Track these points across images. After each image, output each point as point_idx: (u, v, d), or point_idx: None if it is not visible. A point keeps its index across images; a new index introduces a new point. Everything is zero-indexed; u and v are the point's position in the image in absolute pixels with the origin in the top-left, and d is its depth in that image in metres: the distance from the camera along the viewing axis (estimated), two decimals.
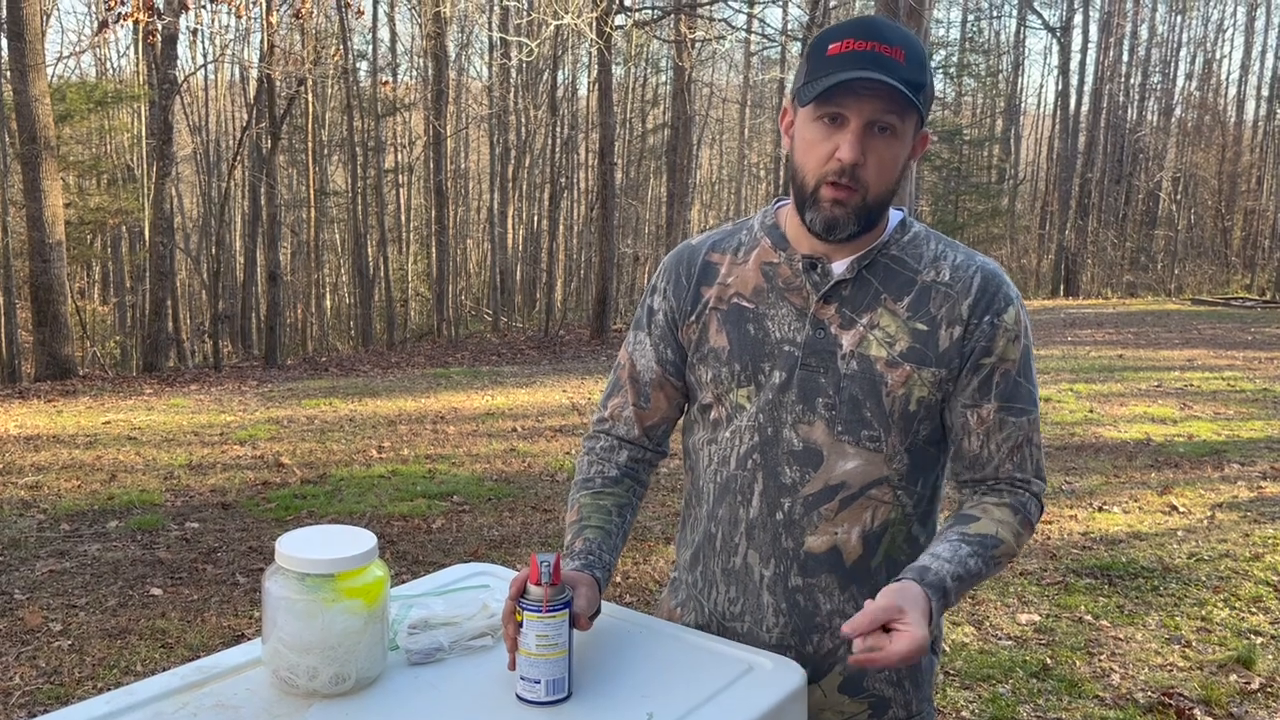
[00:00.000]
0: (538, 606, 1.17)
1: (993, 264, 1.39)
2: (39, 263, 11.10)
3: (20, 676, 3.47)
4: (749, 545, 1.40)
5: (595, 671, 1.27)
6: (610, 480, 1.47)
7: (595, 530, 1.40)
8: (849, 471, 1.35)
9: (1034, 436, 1.37)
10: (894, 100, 1.25)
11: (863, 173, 1.29)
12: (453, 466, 6.47)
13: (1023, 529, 1.35)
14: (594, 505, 1.44)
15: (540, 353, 13.86)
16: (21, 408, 8.70)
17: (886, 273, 1.36)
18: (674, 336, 1.46)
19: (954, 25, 34.25)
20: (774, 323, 1.37)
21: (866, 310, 1.34)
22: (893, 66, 1.25)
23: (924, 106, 1.28)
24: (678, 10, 13.30)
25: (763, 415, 1.37)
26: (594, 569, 1.34)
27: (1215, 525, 5.14)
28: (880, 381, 1.33)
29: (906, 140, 1.30)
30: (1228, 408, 8.26)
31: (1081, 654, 3.63)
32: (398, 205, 24.67)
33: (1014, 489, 1.37)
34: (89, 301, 20.94)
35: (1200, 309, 18.34)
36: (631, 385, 1.50)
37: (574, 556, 1.36)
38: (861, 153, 1.27)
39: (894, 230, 1.38)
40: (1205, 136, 29.79)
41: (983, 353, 1.33)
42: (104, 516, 5.32)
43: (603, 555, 1.38)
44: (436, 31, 19.20)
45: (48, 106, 11.11)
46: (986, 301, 1.34)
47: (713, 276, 1.43)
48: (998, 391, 1.34)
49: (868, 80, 1.23)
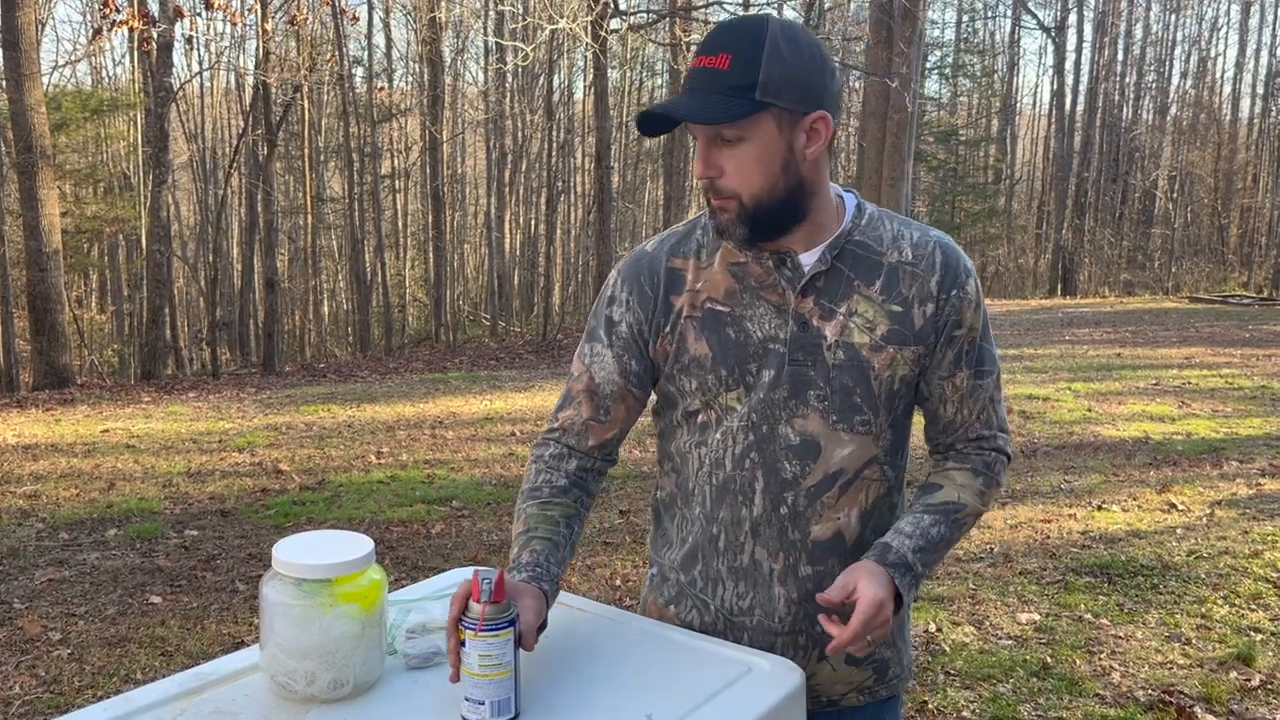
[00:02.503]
0: (474, 625, 1.14)
1: (945, 236, 1.42)
2: (36, 271, 11.10)
3: (20, 685, 3.46)
4: (755, 543, 1.41)
5: (594, 673, 1.27)
6: (558, 490, 1.43)
7: (542, 542, 1.36)
8: (845, 457, 1.38)
9: (996, 394, 1.45)
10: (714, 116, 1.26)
11: (723, 183, 1.31)
12: (451, 471, 6.47)
13: (987, 487, 1.43)
14: (541, 516, 1.40)
15: (538, 357, 13.87)
16: (20, 417, 8.69)
17: (855, 259, 1.37)
18: (640, 348, 1.43)
19: (949, 26, 34.37)
20: (754, 323, 1.37)
21: (843, 299, 1.36)
22: (714, 79, 1.25)
23: (775, 96, 1.25)
24: (673, 13, 13.31)
25: (756, 414, 1.38)
26: (541, 581, 1.31)
27: (1214, 523, 5.14)
28: (868, 367, 1.36)
29: (766, 140, 1.28)
30: (1226, 405, 8.27)
31: (1082, 653, 3.63)
32: (395, 211, 24.69)
33: (980, 449, 1.44)
34: (86, 310, 20.94)
35: (1197, 307, 18.36)
36: (588, 398, 1.45)
37: (520, 569, 1.32)
38: (714, 165, 1.30)
39: (853, 216, 1.40)
40: (1201, 135, 29.85)
41: (954, 325, 1.38)
42: (103, 525, 5.32)
43: (550, 568, 1.34)
44: (432, 37, 19.22)
45: (43, 115, 11.11)
46: (951, 276, 1.38)
47: (680, 284, 1.41)
48: (968, 359, 1.40)
49: (655, 116, 1.28)
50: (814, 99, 1.28)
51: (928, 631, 3.82)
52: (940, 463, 1.47)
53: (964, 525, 1.40)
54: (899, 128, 11.68)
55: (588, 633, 1.39)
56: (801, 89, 1.27)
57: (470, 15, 24.16)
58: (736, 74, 1.25)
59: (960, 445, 1.45)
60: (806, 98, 1.27)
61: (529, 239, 26.27)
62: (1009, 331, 14.26)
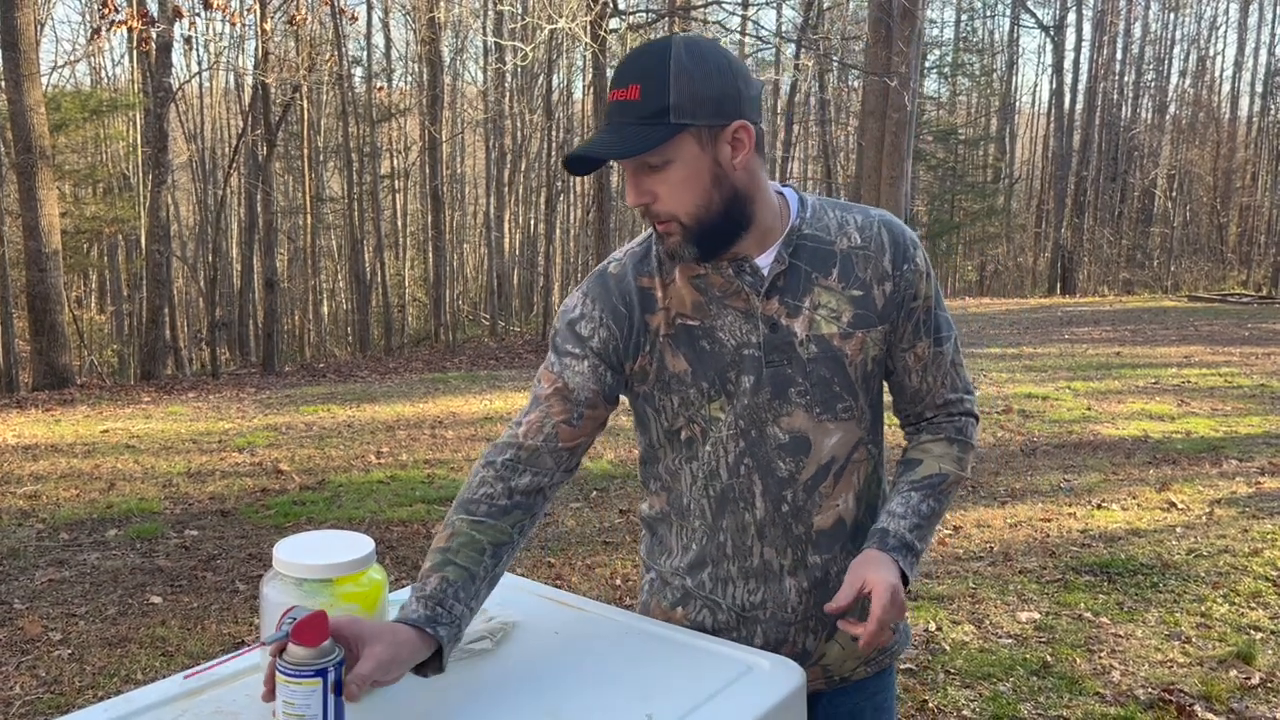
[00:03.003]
0: (283, 668, 1.05)
1: (886, 213, 1.45)
2: (35, 272, 11.09)
3: (21, 686, 3.46)
4: (763, 544, 1.43)
5: (594, 673, 1.27)
6: (497, 510, 1.32)
7: (458, 571, 1.25)
8: (834, 445, 1.41)
9: (957, 358, 1.48)
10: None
11: (659, 207, 1.32)
12: (451, 471, 6.47)
13: (964, 453, 1.47)
14: (468, 537, 1.29)
15: (538, 356, 13.86)
16: (19, 417, 8.69)
17: (809, 253, 1.40)
18: (614, 363, 1.40)
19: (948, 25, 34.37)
20: (725, 332, 1.38)
21: (805, 294, 1.39)
22: (628, 111, 1.27)
23: (688, 115, 1.26)
24: (672, 13, 13.31)
25: (743, 421, 1.39)
26: (438, 624, 1.19)
27: (1214, 521, 5.15)
28: (840, 355, 1.39)
29: (690, 159, 1.28)
30: (1225, 404, 8.27)
31: (1081, 651, 3.63)
32: (394, 211, 24.68)
33: (950, 415, 1.48)
34: (86, 310, 20.94)
35: (1197, 305, 18.36)
36: (560, 400, 1.39)
37: (422, 601, 1.21)
38: (645, 192, 1.32)
39: (798, 211, 1.42)
40: (1200, 133, 29.85)
41: (911, 298, 1.42)
42: (103, 525, 5.32)
43: (455, 606, 1.22)
44: (431, 37, 19.22)
45: (43, 116, 11.10)
46: (901, 251, 1.41)
47: (653, 303, 1.40)
48: (926, 328, 1.44)
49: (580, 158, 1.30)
50: (729, 110, 1.29)
51: (928, 630, 3.82)
52: (914, 435, 1.51)
53: (949, 494, 1.44)
54: (898, 127, 11.68)
55: (588, 632, 1.40)
56: (715, 103, 1.27)
57: (469, 15, 24.16)
58: (648, 102, 1.26)
59: (930, 414, 1.49)
60: (722, 110, 1.28)
61: (528, 238, 26.28)
62: (1008, 331, 14.27)
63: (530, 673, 1.27)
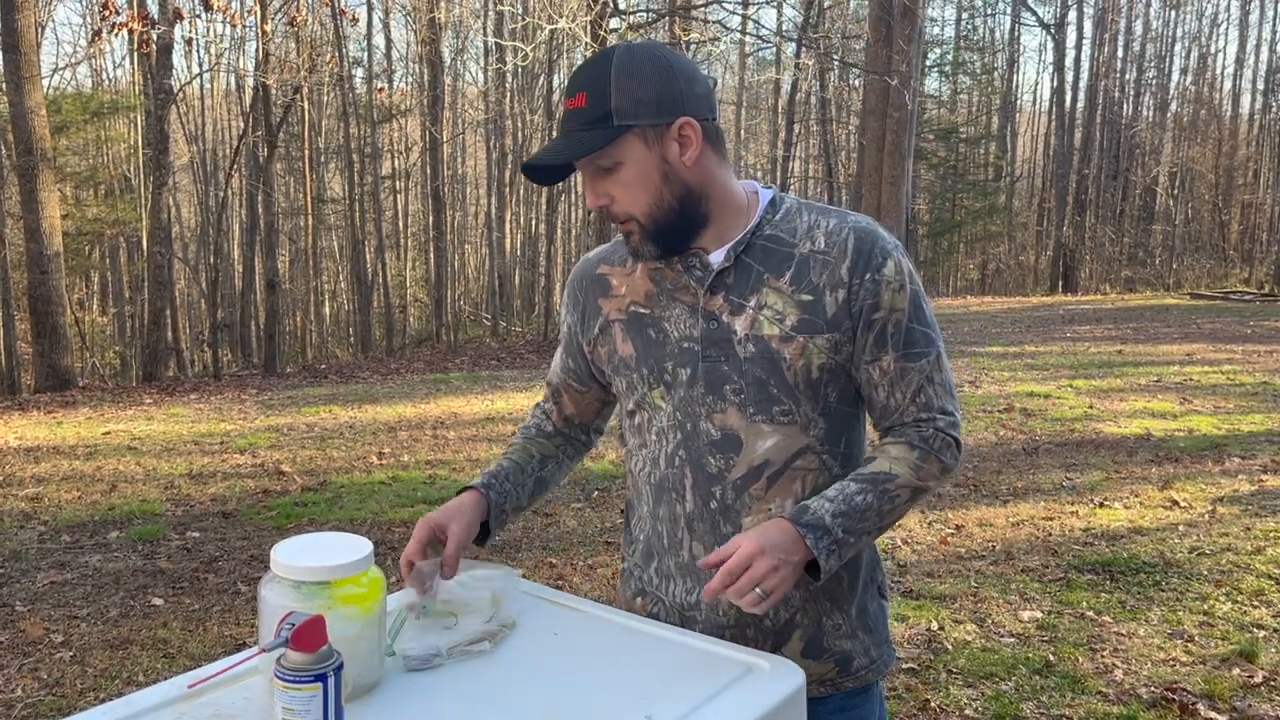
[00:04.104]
0: (282, 674, 1.05)
1: (865, 221, 1.42)
2: (37, 274, 11.10)
3: (22, 688, 3.46)
4: (692, 538, 1.44)
5: (594, 674, 1.27)
6: (545, 433, 1.64)
7: (510, 462, 1.58)
8: (770, 449, 1.39)
9: (935, 375, 1.41)
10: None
11: (617, 208, 1.38)
12: (453, 472, 6.47)
13: (924, 461, 1.39)
14: (521, 446, 1.62)
15: (540, 357, 13.86)
16: (21, 419, 8.70)
17: (764, 253, 1.40)
18: (577, 347, 1.57)
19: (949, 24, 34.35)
20: (670, 323, 1.43)
21: (752, 293, 1.39)
22: (576, 118, 1.34)
23: (630, 117, 1.31)
24: (672, 13, 13.31)
25: (680, 413, 1.43)
26: (490, 489, 1.51)
27: (1216, 519, 5.14)
28: (778, 357, 1.37)
29: (638, 159, 1.34)
30: (1228, 401, 8.26)
31: (1084, 650, 3.63)
32: (395, 211, 24.69)
33: (918, 427, 1.41)
34: (88, 312, 20.95)
35: (1199, 303, 18.34)
36: (547, 386, 1.67)
37: (483, 475, 1.55)
38: (602, 194, 1.38)
39: (765, 211, 1.42)
40: (1201, 131, 29.81)
41: (871, 309, 1.37)
42: (105, 527, 5.32)
43: (504, 483, 1.53)
44: (432, 37, 19.22)
45: (44, 118, 11.11)
46: (864, 261, 1.37)
47: (606, 289, 1.50)
48: (893, 342, 1.38)
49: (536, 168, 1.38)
50: (672, 109, 1.33)
51: (929, 630, 3.82)
52: (880, 442, 1.48)
53: (896, 498, 1.37)
54: (899, 125, 11.68)
55: (587, 633, 1.39)
56: (656, 103, 1.32)
57: (470, 15, 24.17)
58: (593, 108, 1.32)
59: (898, 429, 1.43)
60: (664, 109, 1.33)
61: (529, 239, 26.27)
62: (1010, 329, 14.26)
63: (529, 674, 1.27)
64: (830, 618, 1.44)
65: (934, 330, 1.42)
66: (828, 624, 1.44)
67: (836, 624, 1.44)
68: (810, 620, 1.43)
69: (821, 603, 1.43)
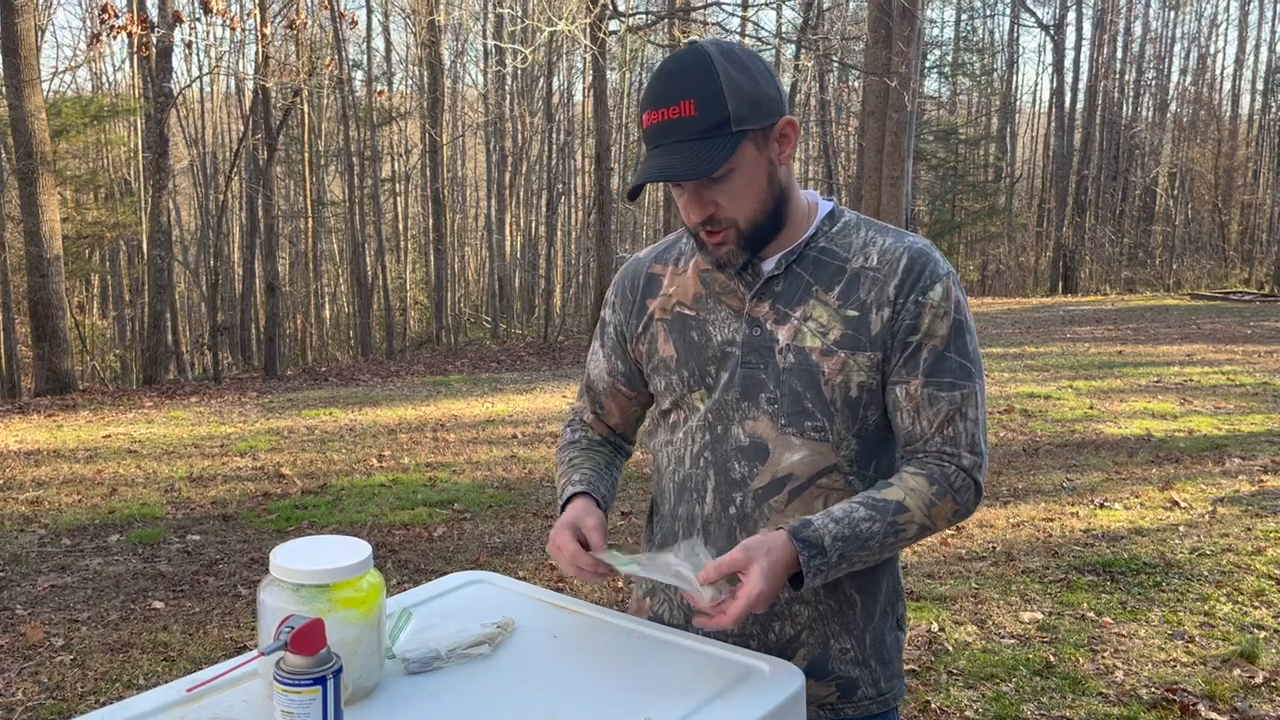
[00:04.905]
0: (281, 677, 1.05)
1: (922, 243, 1.38)
2: (37, 278, 11.10)
3: (23, 692, 3.46)
4: (707, 542, 1.42)
5: (594, 676, 1.27)
6: (595, 442, 1.59)
7: (591, 468, 1.52)
8: (796, 463, 1.37)
9: (968, 411, 1.35)
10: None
11: (721, 214, 1.33)
12: (453, 474, 6.47)
13: (938, 499, 1.32)
14: (586, 456, 1.55)
15: (540, 359, 13.86)
16: (22, 423, 8.70)
17: (816, 265, 1.38)
18: (624, 349, 1.53)
19: (948, 25, 34.37)
20: (715, 326, 1.41)
21: (799, 304, 1.37)
22: (685, 128, 1.26)
23: (747, 121, 1.27)
24: (671, 14, 13.32)
25: (712, 415, 1.41)
26: (596, 490, 1.47)
27: (1217, 520, 5.14)
28: (817, 371, 1.35)
29: (750, 164, 1.30)
30: (1228, 402, 8.26)
31: (1085, 651, 3.63)
32: (395, 214, 24.69)
33: (940, 461, 1.35)
34: (88, 315, 20.96)
35: (1199, 304, 18.34)
36: (588, 393, 1.60)
37: (573, 484, 1.48)
38: (709, 203, 1.32)
39: (822, 222, 1.40)
40: (1201, 131, 29.81)
41: (909, 330, 1.34)
42: (105, 530, 5.32)
43: (599, 486, 1.48)
44: (431, 40, 19.24)
45: (43, 122, 11.12)
46: (912, 281, 1.34)
47: (656, 288, 1.48)
48: (925, 367, 1.34)
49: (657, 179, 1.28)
50: (775, 109, 1.31)
51: (930, 631, 3.82)
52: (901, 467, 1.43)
53: (902, 532, 1.31)
54: (898, 127, 11.68)
55: (587, 636, 1.39)
56: (766, 104, 1.30)
57: (469, 18, 24.19)
58: (705, 115, 1.26)
59: (922, 455, 1.37)
60: (770, 110, 1.30)
61: (529, 241, 26.28)
62: (1010, 330, 14.26)
63: (528, 677, 1.27)
64: (839, 641, 1.42)
65: (974, 366, 1.36)
66: (835, 647, 1.42)
67: (845, 648, 1.42)
68: (817, 641, 1.41)
69: (831, 625, 1.41)
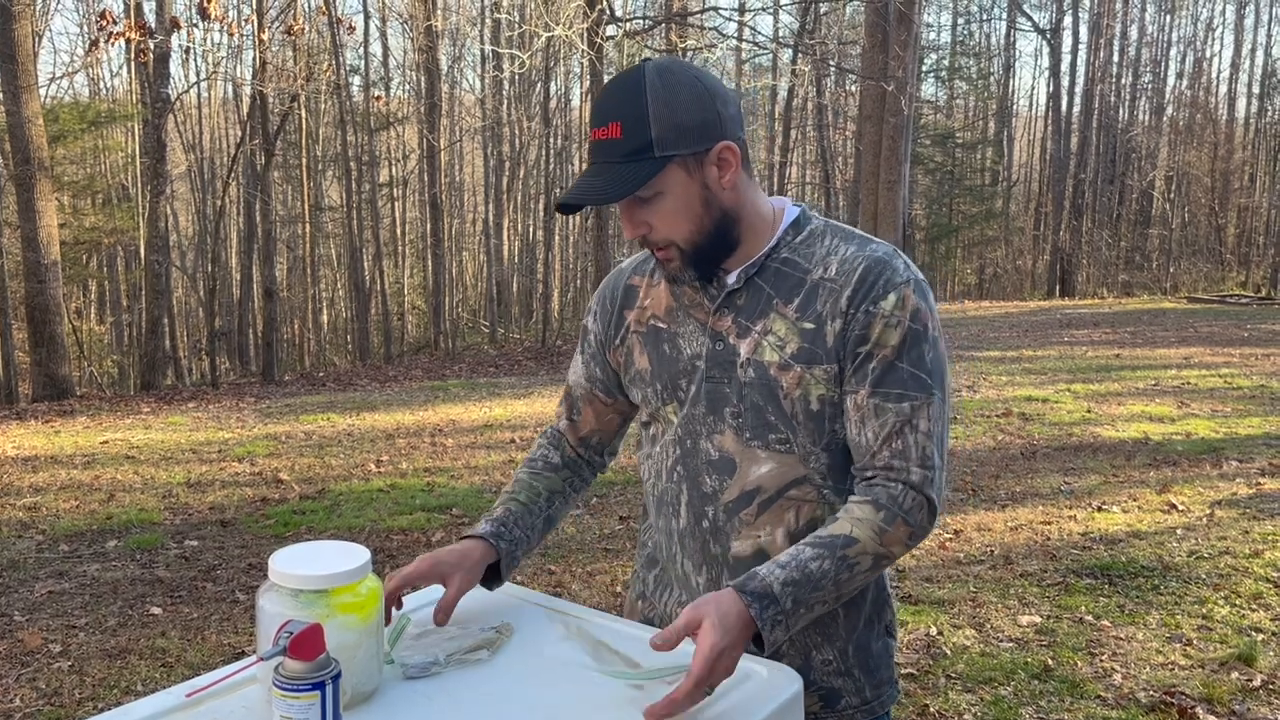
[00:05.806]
0: (280, 682, 1.05)
1: (884, 251, 1.34)
2: (35, 283, 11.10)
3: (21, 698, 3.46)
4: (683, 554, 1.45)
5: (594, 678, 1.27)
6: (551, 465, 1.57)
7: (519, 505, 1.51)
8: (763, 475, 1.36)
9: (919, 423, 1.29)
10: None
11: (654, 235, 1.33)
12: (451, 479, 6.47)
13: (888, 525, 1.27)
14: (527, 483, 1.54)
15: (538, 363, 13.86)
16: (19, 429, 8.69)
17: (777, 276, 1.36)
18: (604, 357, 1.53)
19: (945, 29, 34.40)
20: (684, 340, 1.41)
21: (760, 317, 1.35)
22: (610, 150, 1.27)
23: (672, 147, 1.26)
24: (668, 20, 13.35)
25: (682, 429, 1.42)
26: (500, 539, 1.45)
27: (1214, 523, 5.14)
28: (775, 386, 1.34)
29: (679, 188, 1.29)
30: (1225, 405, 8.27)
31: (1083, 654, 3.63)
32: (393, 219, 24.69)
33: (887, 481, 1.30)
34: (85, 321, 20.94)
35: (1196, 307, 18.37)
36: (565, 400, 1.61)
37: (489, 522, 1.48)
38: (640, 224, 1.32)
39: (785, 232, 1.38)
40: (1197, 135, 29.88)
41: (859, 341, 1.31)
42: (103, 536, 5.31)
43: (514, 530, 1.47)
44: (428, 45, 19.25)
45: (41, 127, 11.12)
46: (865, 291, 1.31)
47: (633, 300, 1.49)
48: (873, 378, 1.30)
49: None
50: (711, 133, 1.28)
51: (929, 635, 3.82)
52: (851, 493, 1.37)
53: (855, 565, 1.26)
54: (895, 131, 11.70)
55: (586, 639, 1.39)
56: (697, 129, 1.27)
57: (467, 23, 24.22)
58: (629, 139, 1.26)
59: (869, 473, 1.32)
60: (704, 135, 1.28)
61: (527, 246, 26.29)
62: (1007, 333, 14.27)
63: (527, 682, 1.27)
64: (820, 652, 1.40)
65: (931, 377, 1.31)
66: (816, 658, 1.40)
67: (826, 659, 1.40)
68: (797, 652, 1.39)
69: (811, 636, 1.39)
